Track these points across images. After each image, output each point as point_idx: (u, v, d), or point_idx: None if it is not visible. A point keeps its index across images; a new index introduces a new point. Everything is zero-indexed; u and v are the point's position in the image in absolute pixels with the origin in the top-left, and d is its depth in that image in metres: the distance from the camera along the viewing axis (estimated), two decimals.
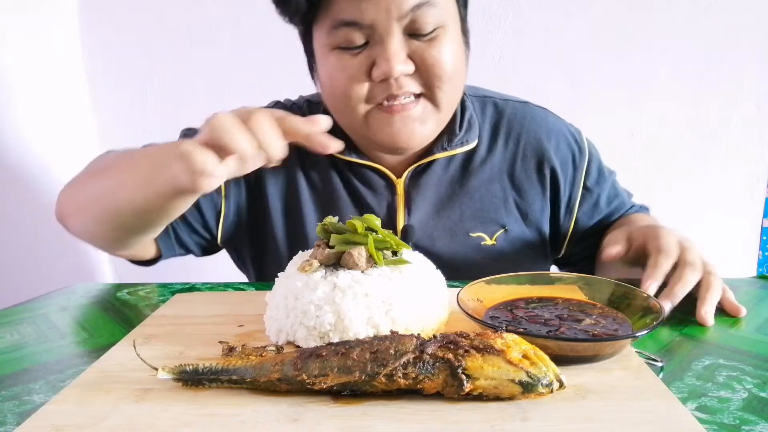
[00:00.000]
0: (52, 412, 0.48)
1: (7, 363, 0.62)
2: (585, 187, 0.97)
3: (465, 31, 0.85)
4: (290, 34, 0.89)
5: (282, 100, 1.04)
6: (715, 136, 1.63)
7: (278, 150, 0.59)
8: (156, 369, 0.51)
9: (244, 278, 1.13)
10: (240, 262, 1.07)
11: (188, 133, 0.98)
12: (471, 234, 0.93)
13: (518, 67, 1.63)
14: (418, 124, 0.82)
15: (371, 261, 0.62)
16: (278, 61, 1.67)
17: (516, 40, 1.62)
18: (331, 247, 0.63)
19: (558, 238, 0.99)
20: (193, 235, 0.97)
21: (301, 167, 0.96)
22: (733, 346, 0.60)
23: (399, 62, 0.75)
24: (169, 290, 0.86)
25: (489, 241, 0.93)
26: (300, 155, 0.96)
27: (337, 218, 0.66)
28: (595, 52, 1.61)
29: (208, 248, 1.02)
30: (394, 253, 0.65)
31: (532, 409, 0.46)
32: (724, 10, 1.57)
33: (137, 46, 1.69)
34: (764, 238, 1.72)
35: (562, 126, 0.98)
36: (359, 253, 0.61)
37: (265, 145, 0.58)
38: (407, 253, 0.66)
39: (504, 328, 0.53)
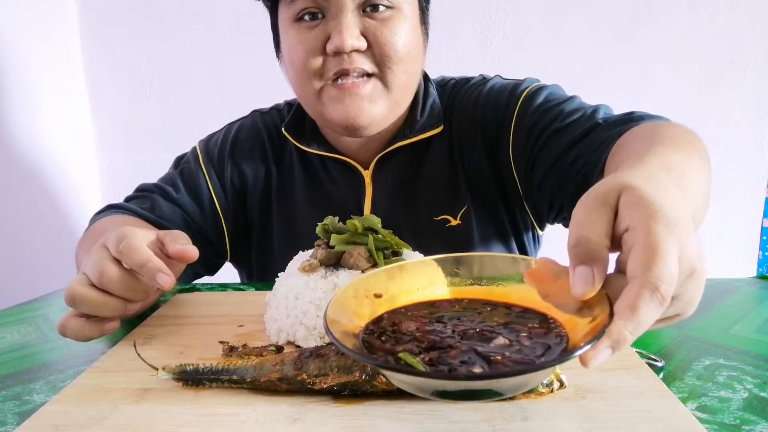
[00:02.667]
0: (52, 412, 0.48)
1: (8, 363, 0.62)
2: (517, 118, 0.87)
3: (425, 23, 0.89)
4: None
5: (263, 108, 1.07)
6: (715, 136, 1.63)
7: (138, 298, 0.61)
8: (156, 369, 0.51)
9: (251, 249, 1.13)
10: (248, 277, 1.08)
11: (179, 162, 1.03)
12: (435, 218, 0.93)
13: (518, 67, 1.63)
14: (368, 103, 0.83)
15: (371, 261, 0.62)
16: (278, 61, 1.67)
17: (516, 40, 1.62)
18: (332, 247, 0.63)
19: (528, 199, 0.91)
20: (205, 264, 1.01)
21: (276, 163, 1.00)
22: (733, 346, 0.60)
23: (351, 36, 0.78)
24: (170, 290, 0.86)
25: (454, 222, 0.93)
26: (275, 152, 1.00)
27: (337, 218, 0.66)
28: (594, 52, 1.61)
29: (217, 268, 1.06)
30: (395, 253, 0.65)
31: (532, 409, 0.46)
32: (723, 10, 1.57)
33: (137, 46, 1.69)
34: (764, 238, 1.72)
35: (501, 83, 0.94)
36: (359, 253, 0.61)
37: (129, 295, 0.60)
38: (407, 253, 0.66)
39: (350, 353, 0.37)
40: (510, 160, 0.89)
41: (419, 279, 0.48)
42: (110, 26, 1.68)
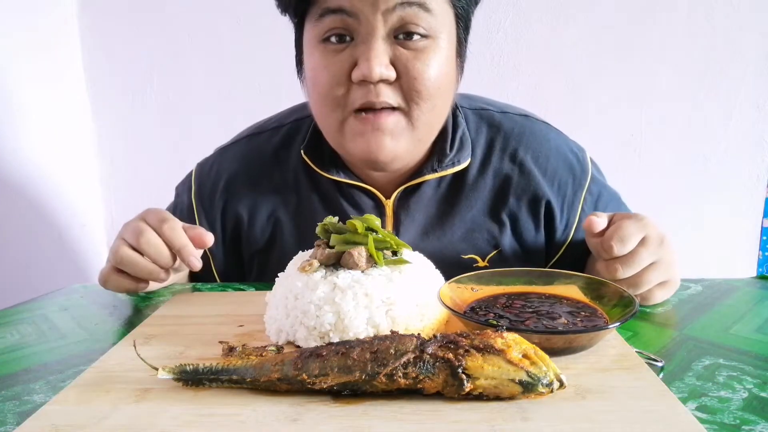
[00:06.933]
0: (52, 412, 0.48)
1: (8, 363, 0.62)
2: (583, 210, 0.92)
3: (461, 54, 0.82)
4: (289, 34, 0.89)
5: (256, 130, 0.99)
6: (715, 136, 1.63)
7: (169, 261, 0.75)
8: (156, 369, 0.51)
9: (244, 278, 1.13)
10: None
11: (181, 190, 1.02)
12: (463, 256, 0.90)
13: (518, 67, 1.63)
14: (389, 139, 0.78)
15: (371, 261, 0.62)
16: (278, 61, 1.66)
17: (516, 40, 1.62)
18: (331, 247, 0.63)
19: (552, 252, 0.95)
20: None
21: (279, 190, 0.94)
22: (733, 346, 0.60)
23: (380, 64, 0.72)
24: (169, 290, 0.86)
25: (481, 263, 0.90)
26: (273, 178, 0.94)
27: (337, 218, 0.66)
28: (595, 52, 1.61)
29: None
30: (394, 253, 0.65)
31: (532, 409, 0.46)
32: (724, 11, 1.57)
33: (137, 46, 1.69)
34: (764, 238, 1.72)
35: (563, 145, 0.93)
36: (359, 253, 0.61)
37: (161, 262, 0.74)
38: (407, 253, 0.66)
39: (466, 315, 0.60)
40: (570, 234, 0.92)
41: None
42: (110, 26, 1.68)
